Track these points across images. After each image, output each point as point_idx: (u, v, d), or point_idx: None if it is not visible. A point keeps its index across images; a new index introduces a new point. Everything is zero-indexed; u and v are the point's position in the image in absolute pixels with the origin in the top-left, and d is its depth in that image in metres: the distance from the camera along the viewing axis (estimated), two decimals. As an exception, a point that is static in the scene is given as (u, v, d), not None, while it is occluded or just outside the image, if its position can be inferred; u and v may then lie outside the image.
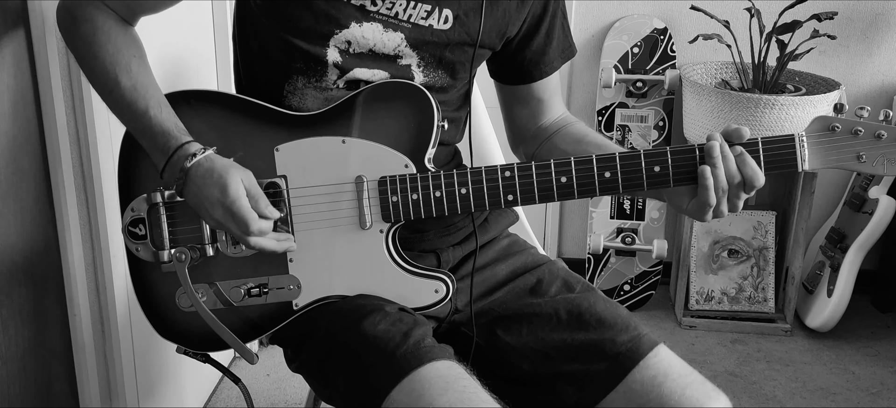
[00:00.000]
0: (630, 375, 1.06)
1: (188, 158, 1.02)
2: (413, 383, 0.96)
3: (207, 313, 1.08)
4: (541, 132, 1.27)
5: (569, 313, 1.13)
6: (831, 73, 2.45)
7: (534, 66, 1.21)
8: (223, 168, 1.02)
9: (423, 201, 1.05)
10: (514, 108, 1.27)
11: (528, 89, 1.24)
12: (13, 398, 1.29)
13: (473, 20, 1.10)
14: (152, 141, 1.05)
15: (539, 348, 1.12)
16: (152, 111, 1.04)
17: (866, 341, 2.41)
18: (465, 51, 1.13)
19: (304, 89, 1.10)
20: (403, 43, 1.09)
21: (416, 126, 1.06)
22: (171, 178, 1.04)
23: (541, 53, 1.20)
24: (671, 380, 1.04)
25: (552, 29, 1.20)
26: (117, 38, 1.07)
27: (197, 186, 1.02)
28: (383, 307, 1.06)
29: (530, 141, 1.28)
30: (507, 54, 1.20)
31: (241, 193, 1.02)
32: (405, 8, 1.07)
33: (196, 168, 1.02)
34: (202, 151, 1.03)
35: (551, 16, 1.19)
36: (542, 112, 1.26)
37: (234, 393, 2.07)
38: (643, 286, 2.58)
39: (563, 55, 1.23)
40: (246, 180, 1.03)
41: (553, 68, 1.23)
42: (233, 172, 1.02)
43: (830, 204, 2.61)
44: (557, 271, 1.20)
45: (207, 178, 1.02)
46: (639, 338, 1.09)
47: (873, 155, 1.00)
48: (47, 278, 1.36)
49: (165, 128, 1.04)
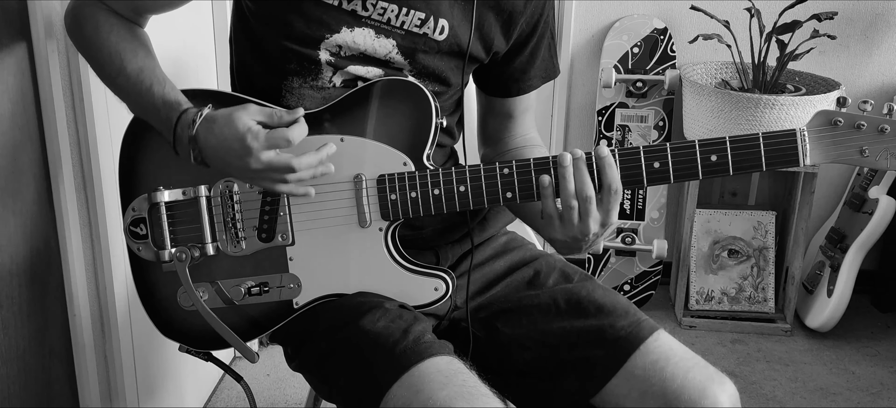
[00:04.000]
0: (631, 359, 1.06)
1: (190, 126, 1.01)
2: (413, 378, 0.96)
3: (208, 313, 1.08)
4: (502, 145, 1.27)
5: (567, 301, 1.13)
6: (831, 73, 2.45)
7: (512, 82, 1.21)
8: (224, 115, 1.00)
9: (421, 199, 1.06)
10: (486, 116, 1.28)
11: (501, 102, 1.24)
12: (13, 398, 1.29)
13: (464, 32, 1.10)
14: (158, 117, 1.05)
15: (539, 338, 1.12)
16: (156, 88, 1.04)
17: (866, 341, 2.41)
18: (454, 60, 1.13)
19: (301, 89, 1.10)
20: (394, 50, 1.09)
21: (414, 124, 1.06)
22: (185, 151, 1.02)
23: (522, 71, 1.20)
24: (673, 364, 1.04)
25: (537, 49, 1.20)
26: (121, 30, 1.08)
27: (211, 145, 1.00)
28: (383, 304, 1.06)
29: (492, 150, 1.29)
30: (491, 66, 1.20)
31: (251, 123, 0.98)
32: (398, 15, 1.07)
33: (201, 130, 1.00)
34: (199, 114, 1.01)
35: (538, 37, 1.18)
36: (509, 128, 1.27)
37: (234, 393, 2.07)
38: (643, 286, 2.58)
39: (544, 76, 1.23)
40: (248, 109, 1.00)
41: (531, 87, 1.23)
42: (235, 112, 0.99)
43: (830, 204, 2.61)
44: (555, 263, 1.21)
45: (216, 130, 0.99)
46: (638, 323, 1.09)
47: (876, 149, 0.99)
48: (47, 278, 1.36)
49: (168, 100, 1.04)
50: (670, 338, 1.09)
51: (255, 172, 1.00)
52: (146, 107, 1.05)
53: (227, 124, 0.98)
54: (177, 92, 1.05)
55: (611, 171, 1.00)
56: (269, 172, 1.00)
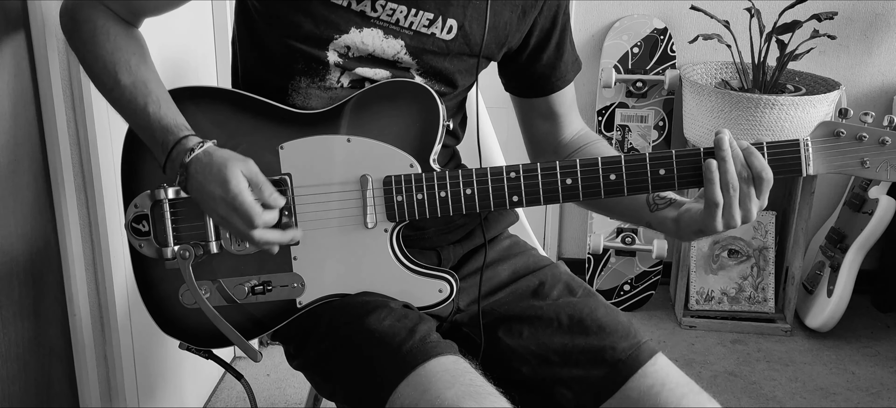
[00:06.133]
0: (628, 383, 1.07)
1: (187, 153, 1.00)
2: (419, 377, 0.96)
3: (211, 311, 1.07)
4: (561, 148, 1.27)
5: (570, 317, 1.13)
6: (831, 74, 2.45)
7: (546, 79, 1.22)
8: (222, 162, 1.00)
9: (427, 201, 1.05)
10: (532, 121, 1.27)
11: (544, 102, 1.24)
12: (13, 398, 1.28)
13: (475, 31, 1.10)
14: (152, 138, 1.04)
15: (539, 352, 1.12)
16: (151, 108, 1.03)
17: (866, 341, 2.41)
18: (464, 61, 1.12)
19: (308, 89, 1.09)
20: (403, 50, 1.08)
21: (421, 125, 1.06)
22: (173, 175, 1.03)
23: (552, 66, 1.21)
24: (668, 390, 1.05)
25: (563, 42, 1.20)
26: (117, 37, 1.06)
27: (198, 182, 1.00)
28: (388, 303, 1.06)
29: (551, 156, 1.28)
30: (518, 67, 1.20)
31: (242, 187, 0.99)
32: (406, 15, 1.06)
33: (195, 164, 1.00)
34: (200, 145, 1.01)
35: (561, 29, 1.19)
36: (561, 126, 1.27)
37: (234, 393, 2.06)
38: (643, 286, 2.58)
39: (574, 68, 1.24)
40: (247, 170, 1.00)
41: (566, 81, 1.23)
42: (232, 165, 0.99)
43: (830, 204, 2.61)
44: (560, 275, 1.21)
45: (207, 172, 1.00)
46: (638, 346, 1.09)
47: (877, 161, 1.00)
48: (47, 278, 1.36)
49: (164, 124, 1.03)
50: (668, 362, 1.10)
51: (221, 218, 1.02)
52: (140, 125, 1.05)
53: (220, 172, 0.99)
54: (172, 113, 1.04)
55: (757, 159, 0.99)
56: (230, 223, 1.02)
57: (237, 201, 0.99)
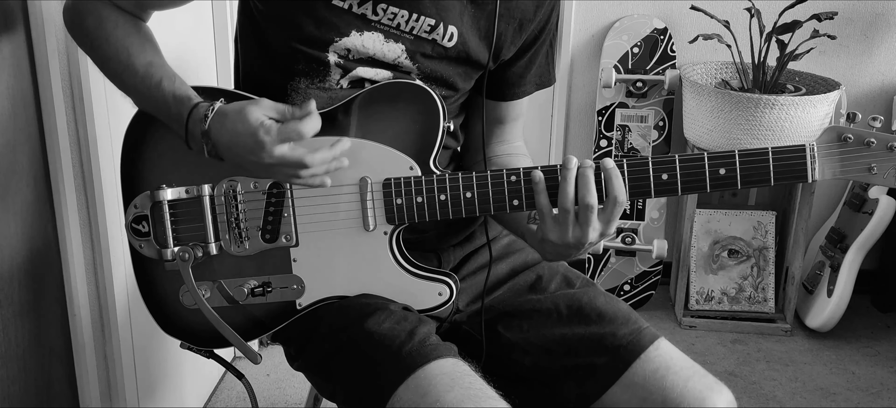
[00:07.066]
0: (631, 368, 1.06)
1: (202, 121, 0.99)
2: (419, 380, 0.96)
3: (211, 312, 1.07)
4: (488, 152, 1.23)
5: (569, 307, 1.13)
6: (831, 74, 2.44)
7: (508, 86, 1.20)
8: (235, 110, 0.98)
9: (427, 204, 1.05)
10: (472, 119, 1.23)
11: (493, 106, 1.21)
12: (13, 398, 1.28)
13: (473, 38, 1.10)
14: (168, 112, 1.03)
15: (540, 344, 1.12)
16: (166, 83, 1.03)
17: (866, 341, 2.41)
18: (462, 66, 1.12)
19: (308, 90, 1.09)
20: (403, 54, 1.08)
21: (421, 128, 1.05)
22: (199, 146, 1.01)
23: (519, 76, 1.19)
24: (673, 373, 1.05)
25: (536, 55, 1.18)
26: (125, 25, 1.07)
27: (224, 141, 0.98)
28: (388, 306, 1.06)
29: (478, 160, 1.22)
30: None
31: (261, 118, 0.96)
32: (407, 20, 1.06)
33: (213, 126, 0.99)
34: (211, 109, 1.00)
35: (540, 44, 1.18)
36: (498, 134, 1.24)
37: (234, 393, 2.06)
38: (643, 286, 2.58)
39: (538, 82, 1.21)
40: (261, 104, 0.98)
41: (525, 93, 1.21)
42: (246, 107, 0.98)
43: (830, 204, 2.61)
44: (557, 268, 1.21)
45: (227, 124, 0.97)
46: (639, 331, 1.09)
47: (885, 167, 0.98)
48: (47, 278, 1.36)
49: (178, 95, 1.02)
50: (671, 346, 1.09)
51: (267, 167, 0.98)
52: (156, 102, 1.04)
53: (239, 120, 0.97)
54: (187, 87, 1.04)
55: (617, 181, 0.99)
56: (281, 168, 0.98)
57: (264, 128, 0.95)
